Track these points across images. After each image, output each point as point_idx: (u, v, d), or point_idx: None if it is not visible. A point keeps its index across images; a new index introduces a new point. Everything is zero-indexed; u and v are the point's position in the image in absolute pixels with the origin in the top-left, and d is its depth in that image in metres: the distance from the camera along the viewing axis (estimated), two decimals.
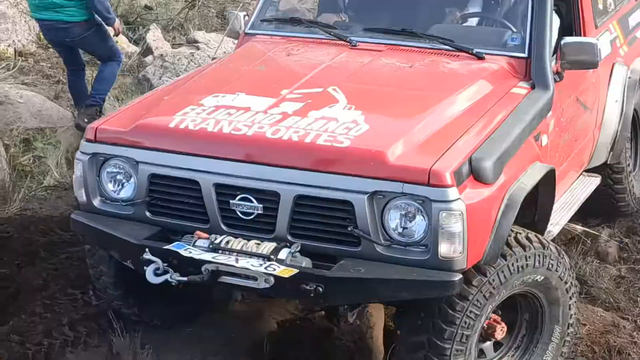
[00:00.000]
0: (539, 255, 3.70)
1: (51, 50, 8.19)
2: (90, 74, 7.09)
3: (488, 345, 3.83)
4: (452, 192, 3.29)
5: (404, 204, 3.35)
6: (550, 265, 3.75)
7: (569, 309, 3.93)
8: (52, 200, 5.73)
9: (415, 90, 4.02)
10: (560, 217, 4.52)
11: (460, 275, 3.35)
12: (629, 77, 5.24)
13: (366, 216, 3.35)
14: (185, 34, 8.83)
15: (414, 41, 4.32)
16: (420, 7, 4.65)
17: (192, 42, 8.15)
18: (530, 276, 3.69)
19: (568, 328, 3.96)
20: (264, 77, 4.20)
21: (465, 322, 3.50)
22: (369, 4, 4.84)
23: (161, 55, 7.90)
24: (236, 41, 7.68)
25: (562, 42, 4.21)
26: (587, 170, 5.14)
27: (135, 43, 8.50)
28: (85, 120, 6.32)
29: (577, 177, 5.01)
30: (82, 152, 3.81)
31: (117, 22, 6.62)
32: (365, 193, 3.35)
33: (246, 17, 4.80)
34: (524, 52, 4.21)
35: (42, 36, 8.25)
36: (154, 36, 8.42)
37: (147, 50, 8.23)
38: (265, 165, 3.49)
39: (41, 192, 5.87)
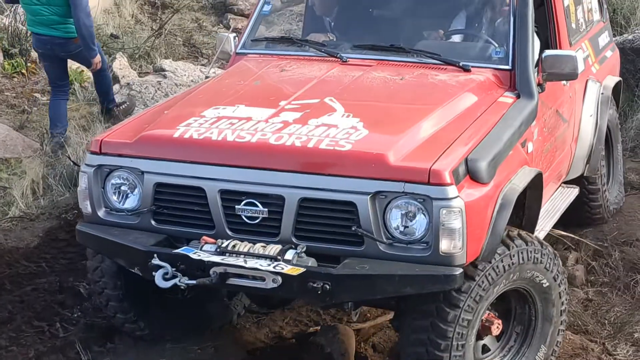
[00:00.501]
0: (550, 259, 3.89)
1: (16, 79, 8.13)
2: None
3: (479, 345, 3.91)
4: (452, 190, 3.44)
5: (404, 203, 3.49)
6: (556, 276, 3.93)
7: (558, 334, 4.05)
8: (17, 232, 5.65)
9: (409, 98, 4.20)
10: (544, 223, 4.68)
11: (461, 270, 3.49)
12: (602, 93, 5.44)
13: (369, 216, 3.49)
14: (152, 63, 8.81)
15: (402, 56, 4.49)
16: (405, 26, 4.84)
17: (159, 71, 8.14)
18: (539, 274, 3.86)
19: (552, 354, 4.04)
20: (261, 91, 4.32)
21: (479, 287, 3.64)
22: (355, 24, 4.99)
23: (128, 84, 7.87)
24: (204, 69, 7.75)
25: (543, 54, 4.36)
26: (564, 183, 5.31)
27: None
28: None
29: (557, 189, 5.18)
30: (87, 165, 3.90)
31: (98, 58, 6.89)
32: (368, 194, 3.49)
33: (236, 39, 4.93)
34: (508, 65, 4.38)
35: (6, 65, 8.21)
36: (120, 65, 8.39)
37: (114, 79, 8.17)
38: (269, 170, 3.62)
39: (6, 223, 5.78)
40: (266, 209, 3.62)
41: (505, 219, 3.67)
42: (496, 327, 3.85)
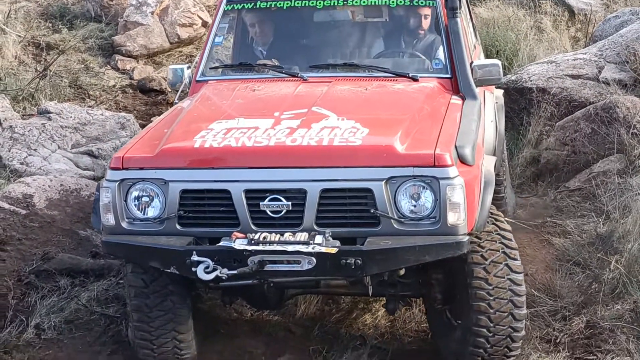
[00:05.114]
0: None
1: None
2: None
3: None
4: (453, 170, 4.00)
5: (412, 185, 4.01)
6: None
7: None
8: None
9: (384, 104, 4.73)
10: None
11: (468, 237, 4.04)
12: (496, 102, 6.07)
13: (384, 199, 3.98)
14: (37, 105, 8.53)
15: (355, 72, 5.05)
16: (340, 47, 5.37)
17: (44, 113, 7.88)
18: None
19: None
20: (249, 106, 4.71)
21: None
22: (290, 50, 5.40)
23: (10, 126, 7.58)
24: (91, 110, 7.53)
25: (473, 64, 5.01)
26: None
27: None
28: None
29: None
30: (110, 180, 4.19)
31: None
32: (382, 179, 3.99)
33: (189, 69, 5.29)
34: (448, 74, 5.02)
35: None
36: (2, 107, 8.08)
37: None
38: (291, 168, 4.05)
39: None
40: (289, 202, 4.02)
41: (491, 195, 4.25)
42: None
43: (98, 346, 4.92)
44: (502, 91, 6.60)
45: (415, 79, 4.92)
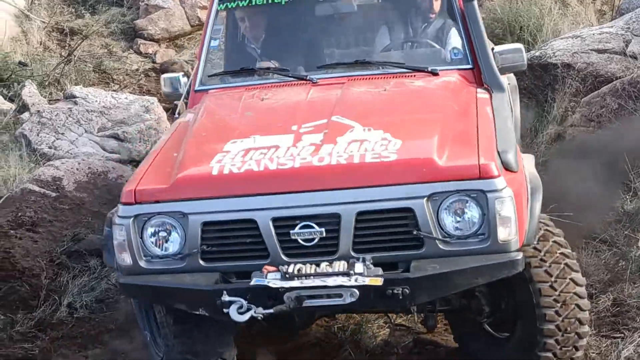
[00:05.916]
0: None
1: None
2: None
3: None
4: (501, 182, 3.61)
5: (456, 200, 3.63)
6: None
7: None
8: None
9: (410, 107, 4.28)
10: None
11: (522, 254, 3.67)
12: (509, 84, 5.70)
13: (427, 218, 3.60)
14: (62, 90, 8.62)
15: (368, 70, 4.61)
16: (343, 42, 4.97)
17: (70, 97, 7.96)
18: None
19: None
20: (261, 121, 4.27)
21: None
22: (292, 49, 4.98)
23: (38, 111, 7.68)
24: (116, 94, 7.56)
25: (494, 50, 4.64)
26: None
27: (10, 100, 8.23)
28: None
29: None
30: (123, 217, 3.77)
31: None
32: (424, 197, 3.60)
33: (184, 78, 4.92)
34: (469, 64, 4.63)
35: None
36: (30, 92, 8.18)
37: (23, 107, 7.98)
38: (321, 191, 3.65)
39: None
40: (323, 229, 3.64)
41: (539, 202, 3.86)
42: None
43: (128, 324, 4.99)
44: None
45: (435, 73, 4.52)
